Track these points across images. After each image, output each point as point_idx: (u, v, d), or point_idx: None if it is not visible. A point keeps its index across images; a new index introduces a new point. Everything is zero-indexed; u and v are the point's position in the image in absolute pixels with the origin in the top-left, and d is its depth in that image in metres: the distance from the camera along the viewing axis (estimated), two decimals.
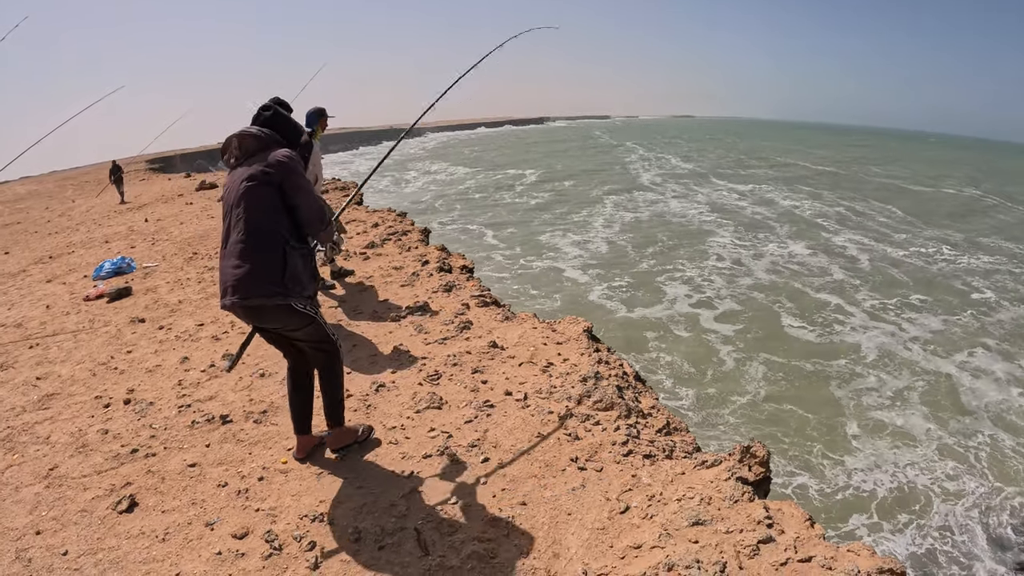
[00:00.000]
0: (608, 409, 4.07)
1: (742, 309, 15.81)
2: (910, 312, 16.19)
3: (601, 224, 26.23)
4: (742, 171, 48.75)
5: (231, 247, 2.98)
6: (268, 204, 2.97)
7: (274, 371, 4.70)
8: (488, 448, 3.64)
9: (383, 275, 6.97)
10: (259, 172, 2.98)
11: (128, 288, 7.36)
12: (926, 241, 24.44)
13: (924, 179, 49.99)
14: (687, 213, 28.74)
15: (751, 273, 19.06)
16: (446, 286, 6.37)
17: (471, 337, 5.24)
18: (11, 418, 4.42)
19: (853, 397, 11.53)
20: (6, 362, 5.60)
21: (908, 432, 10.50)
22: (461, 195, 35.88)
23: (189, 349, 5.30)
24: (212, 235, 10.82)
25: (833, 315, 15.64)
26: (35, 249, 13.19)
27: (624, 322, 14.87)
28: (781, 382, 11.98)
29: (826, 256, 21.37)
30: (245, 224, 2.95)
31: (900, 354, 13.38)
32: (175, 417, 4.12)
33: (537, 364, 4.74)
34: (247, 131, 3.09)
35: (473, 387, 4.36)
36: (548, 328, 5.52)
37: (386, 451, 3.64)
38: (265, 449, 3.72)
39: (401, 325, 5.49)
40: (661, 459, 3.55)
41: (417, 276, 6.78)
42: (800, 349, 13.50)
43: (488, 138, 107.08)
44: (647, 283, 17.79)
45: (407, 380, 4.46)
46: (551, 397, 4.23)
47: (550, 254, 21.39)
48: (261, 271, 2.93)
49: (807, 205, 32.10)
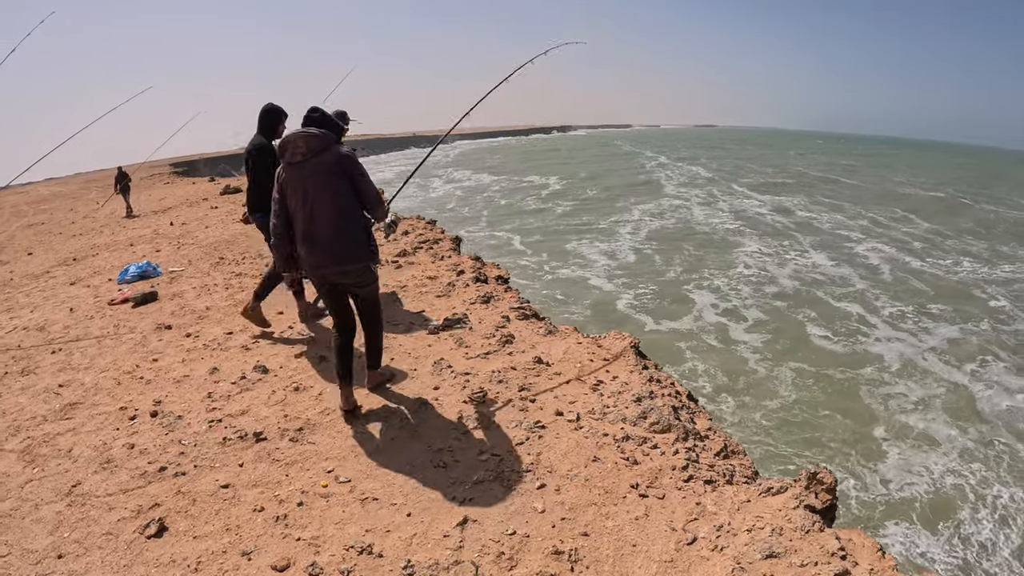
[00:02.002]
0: (665, 431, 3.80)
1: (769, 319, 15.78)
2: (929, 321, 16.18)
3: (627, 232, 26.08)
4: (763, 180, 48.36)
5: (322, 226, 3.62)
6: (347, 190, 3.65)
7: (309, 385, 4.44)
8: (543, 473, 3.36)
9: (417, 285, 6.70)
10: (335, 165, 3.61)
11: (154, 293, 7.14)
12: (946, 252, 24.22)
13: (942, 187, 49.70)
14: (711, 221, 28.58)
15: (776, 282, 18.99)
16: (484, 297, 6.08)
17: (514, 352, 4.95)
18: (32, 427, 4.19)
19: (882, 404, 11.56)
20: (28, 367, 5.40)
21: (933, 438, 10.57)
22: (487, 202, 35.70)
23: (218, 359, 5.04)
24: (238, 240, 10.63)
25: (856, 324, 15.63)
26: (59, 251, 13.12)
27: (653, 332, 14.84)
28: (812, 388, 11.99)
29: (849, 266, 21.22)
30: (333, 207, 3.62)
31: (921, 363, 13.46)
32: (205, 432, 3.86)
33: (586, 382, 4.46)
34: (311, 132, 3.61)
35: (521, 407, 4.07)
36: (593, 343, 5.23)
37: (435, 475, 3.35)
38: (303, 470, 3.44)
39: (440, 338, 5.21)
40: (722, 484, 3.31)
41: (453, 287, 6.50)
42: (827, 358, 13.50)
43: (510, 146, 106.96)
44: (674, 292, 17.75)
45: (451, 398, 4.18)
46: (605, 418, 3.94)
47: (577, 261, 21.25)
48: (354, 242, 3.68)
49: (828, 214, 31.83)
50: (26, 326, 6.83)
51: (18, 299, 8.47)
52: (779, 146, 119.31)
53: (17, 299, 8.47)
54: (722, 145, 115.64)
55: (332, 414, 4.00)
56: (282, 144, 3.67)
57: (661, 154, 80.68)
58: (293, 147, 3.61)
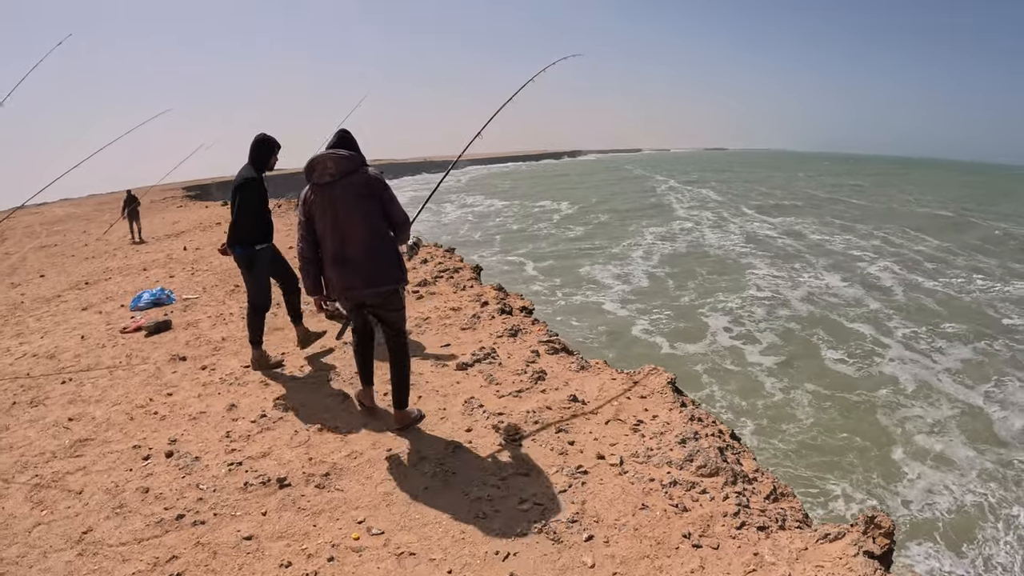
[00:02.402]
0: (713, 475, 3.55)
1: (783, 342, 15.70)
2: (943, 341, 16.05)
3: (639, 256, 26.06)
4: (773, 202, 48.32)
5: (354, 248, 3.58)
6: (377, 211, 3.63)
7: (334, 424, 4.19)
8: (589, 523, 3.10)
9: (441, 317, 6.47)
10: (364, 187, 3.59)
11: (167, 321, 6.93)
12: (957, 270, 24.08)
13: (950, 206, 49.58)
14: (723, 244, 28.58)
15: (789, 304, 18.90)
16: (511, 330, 5.84)
17: (547, 389, 4.70)
18: (40, 464, 3.97)
19: (899, 426, 11.51)
20: (37, 397, 5.19)
21: (951, 460, 10.56)
22: (499, 227, 35.69)
23: (236, 395, 4.80)
24: None
25: (871, 346, 15.53)
26: (71, 274, 13.01)
27: (669, 356, 14.72)
28: (829, 411, 11.93)
29: (861, 286, 21.12)
30: (365, 229, 3.59)
31: (936, 384, 13.38)
32: (225, 477, 3.61)
33: (625, 422, 4.20)
34: (340, 153, 3.56)
35: (560, 450, 3.81)
36: (628, 379, 4.98)
37: (474, 527, 3.09)
38: (332, 520, 3.18)
39: (469, 374, 4.95)
40: (775, 531, 3.08)
41: (478, 319, 6.26)
42: (843, 380, 13.43)
43: (521, 171, 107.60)
44: (688, 315, 17.66)
45: (485, 440, 3.92)
46: (649, 462, 3.69)
47: (590, 286, 21.19)
48: (386, 263, 3.64)
49: (838, 235, 31.72)
50: (36, 353, 6.66)
51: (28, 323, 8.31)
52: (787, 168, 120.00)
53: (28, 323, 8.32)
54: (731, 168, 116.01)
55: (360, 458, 3.75)
56: (310, 165, 3.60)
57: (671, 178, 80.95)
58: (322, 167, 3.56)
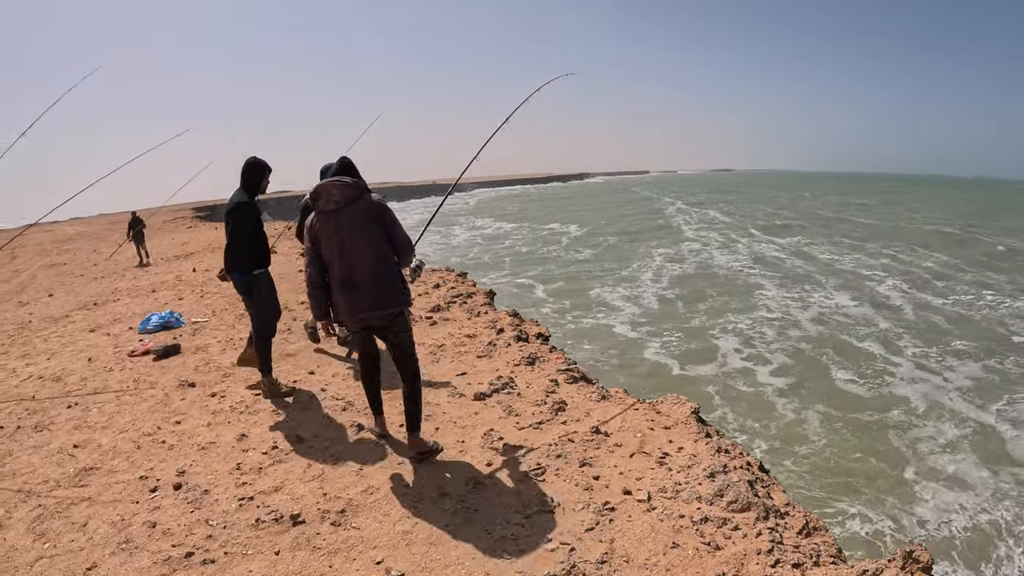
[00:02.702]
0: (745, 510, 3.39)
1: (794, 362, 15.59)
2: (954, 359, 15.91)
3: (649, 278, 25.94)
4: (780, 222, 48.09)
5: (361, 273, 3.67)
6: (381, 236, 3.73)
7: (348, 457, 4.02)
8: (620, 564, 2.93)
9: (455, 344, 6.32)
10: (368, 213, 3.70)
11: (176, 346, 6.80)
12: (967, 286, 23.94)
13: (956, 222, 49.50)
14: (731, 265, 28.46)
15: (799, 325, 18.77)
16: (528, 358, 5.68)
17: (568, 421, 4.53)
18: (44, 493, 3.82)
19: (910, 447, 11.43)
20: (42, 422, 5.05)
21: (964, 480, 10.49)
22: (508, 249, 35.58)
23: (247, 423, 4.64)
24: None
25: (882, 365, 15.40)
26: (80, 293, 12.95)
27: (680, 378, 14.60)
28: (842, 432, 11.85)
29: (870, 306, 20.97)
30: (371, 254, 3.68)
31: (948, 403, 13.26)
32: (235, 512, 3.44)
33: (651, 455, 4.03)
34: (344, 181, 3.70)
35: (586, 485, 3.64)
36: (651, 409, 4.82)
37: (499, 569, 2.91)
38: (348, 561, 3.01)
39: (487, 405, 4.79)
40: (810, 567, 2.94)
41: (494, 346, 6.10)
42: (854, 401, 13.33)
43: (529, 194, 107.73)
44: (699, 337, 17.53)
45: (507, 475, 3.75)
46: (678, 497, 3.52)
47: (600, 309, 21.10)
48: (391, 287, 3.74)
49: (847, 255, 31.52)
50: (42, 375, 6.54)
51: (36, 344, 8.21)
52: (792, 188, 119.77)
53: (35, 344, 8.22)
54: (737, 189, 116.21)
55: (377, 493, 3.58)
56: (315, 192, 3.73)
57: (678, 199, 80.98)
58: (327, 195, 3.68)
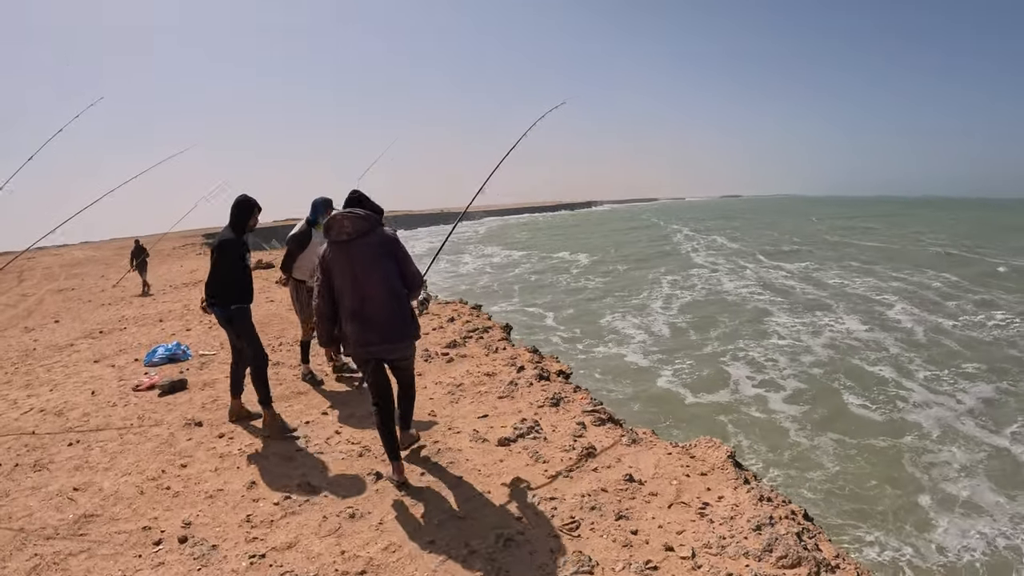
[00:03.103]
0: (795, 566, 3.11)
1: (806, 388, 15.34)
2: (966, 382, 15.62)
3: (659, 306, 25.65)
4: (787, 248, 47.75)
5: (373, 307, 3.74)
6: (392, 269, 3.79)
7: (366, 510, 3.73)
8: None
9: (475, 383, 6.03)
10: (380, 247, 3.77)
11: (183, 381, 6.54)
12: (977, 307, 23.67)
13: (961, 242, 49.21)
14: (741, 292, 28.23)
15: (810, 351, 18.49)
16: (552, 399, 5.38)
17: (599, 468, 4.23)
18: (40, 542, 3.57)
19: (925, 472, 11.22)
20: (41, 460, 4.81)
21: (980, 505, 10.30)
22: (518, 278, 35.15)
23: (257, 470, 4.34)
24: (272, 322, 10.11)
25: (894, 390, 15.12)
26: (86, 320, 12.77)
27: (694, 406, 14.32)
28: (856, 459, 11.66)
29: (881, 330, 20.69)
30: (383, 288, 3.74)
31: (961, 428, 13.03)
32: (246, 572, 3.15)
33: (690, 505, 3.74)
34: (357, 213, 3.77)
35: (624, 540, 3.34)
36: (684, 454, 4.53)
37: None
38: None
39: (512, 451, 4.49)
40: None
41: (515, 386, 5.81)
42: (867, 427, 13.11)
43: (538, 223, 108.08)
44: (711, 365, 17.27)
45: (539, 531, 3.45)
46: (724, 553, 3.22)
47: (612, 337, 20.76)
48: (402, 320, 3.81)
49: (856, 278, 31.22)
50: (43, 408, 6.31)
51: (39, 374, 8.00)
52: (799, 213, 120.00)
53: (38, 374, 8.01)
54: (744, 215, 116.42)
55: (399, 551, 3.28)
56: (328, 224, 3.80)
57: (686, 226, 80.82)
58: (339, 227, 3.74)
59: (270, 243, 35.53)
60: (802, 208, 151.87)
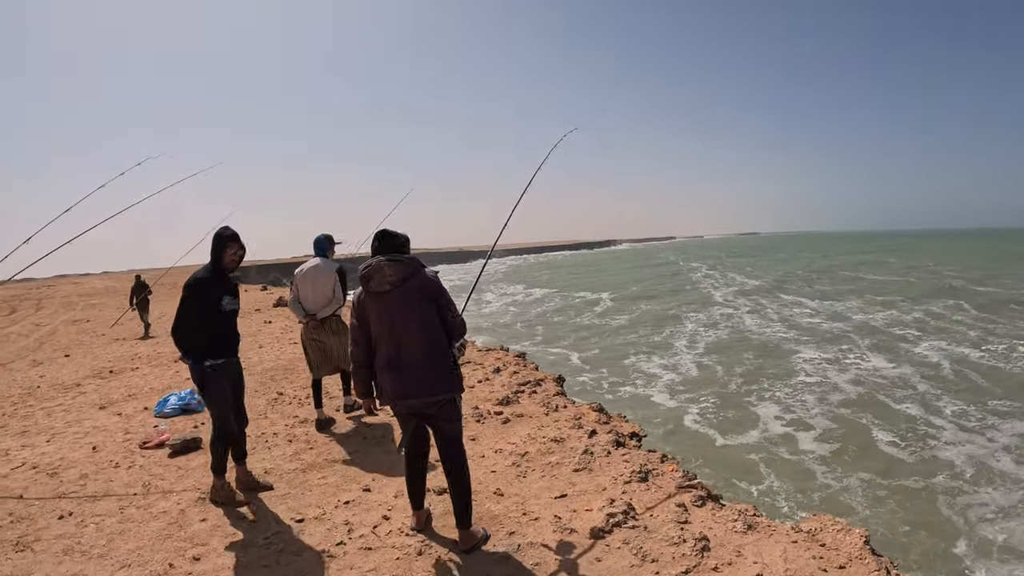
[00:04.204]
0: None
1: (835, 427, 15.03)
2: (994, 418, 15.26)
3: (684, 344, 25.22)
4: (808, 284, 47.31)
5: (410, 356, 3.41)
6: (433, 316, 3.48)
7: None
8: None
9: (542, 451, 5.08)
10: (420, 292, 3.46)
11: (197, 440, 5.64)
12: (999, 339, 23.45)
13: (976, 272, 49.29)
14: (764, 330, 27.81)
15: (838, 388, 18.18)
16: (639, 473, 4.42)
17: (720, 566, 3.30)
18: None
19: (960, 515, 10.80)
20: (25, 537, 3.98)
21: (1018, 549, 9.88)
22: (540, 317, 34.59)
23: (288, 569, 3.44)
24: (297, 369, 9.28)
25: (924, 428, 14.83)
26: (97, 356, 12.09)
27: (724, 447, 13.99)
28: (887, 501, 11.29)
29: (908, 365, 20.32)
30: (422, 337, 3.42)
31: (996, 465, 12.67)
32: None
33: None
34: (398, 260, 3.48)
35: None
36: (812, 541, 3.64)
37: None
38: None
39: (609, 546, 3.53)
40: None
41: (591, 455, 4.86)
42: (898, 467, 12.79)
43: (557, 261, 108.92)
44: (738, 404, 16.93)
45: None
46: None
47: (638, 377, 20.38)
48: (441, 371, 3.44)
49: (879, 312, 30.79)
50: (36, 463, 5.49)
51: (38, 419, 7.24)
52: (817, 248, 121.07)
53: (37, 419, 7.25)
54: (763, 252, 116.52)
55: None
56: (366, 273, 3.51)
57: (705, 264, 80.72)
58: (380, 276, 3.46)
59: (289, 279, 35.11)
60: (819, 244, 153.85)
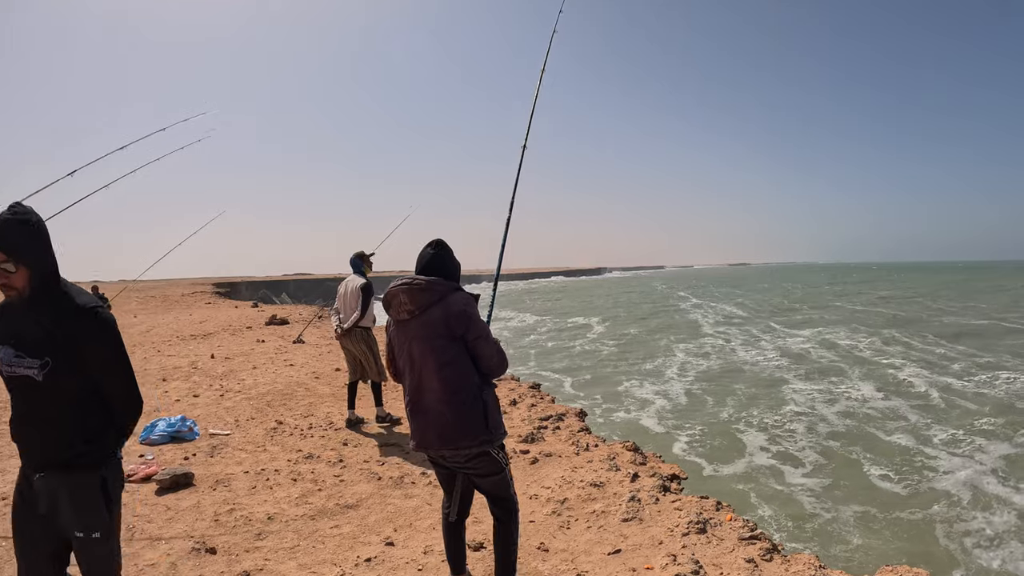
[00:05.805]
0: None
1: (825, 461, 14.86)
2: (983, 440, 15.55)
3: (674, 372, 25.15)
4: (799, 316, 47.33)
5: (427, 399, 2.97)
6: (456, 355, 2.94)
7: None
8: None
9: (583, 498, 4.53)
10: (443, 326, 2.92)
11: (188, 475, 5.05)
12: (982, 368, 23.79)
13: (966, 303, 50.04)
14: (755, 360, 27.81)
15: (827, 420, 18.16)
16: (697, 523, 3.91)
17: None
18: None
19: (957, 544, 10.68)
20: None
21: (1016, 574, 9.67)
22: (533, 343, 34.47)
23: None
24: (295, 393, 8.75)
25: (916, 458, 14.81)
26: None
27: (712, 477, 13.79)
28: (881, 533, 11.04)
29: (897, 396, 20.38)
30: (439, 378, 2.93)
31: (989, 490, 12.66)
32: None
33: None
34: (417, 285, 2.97)
35: None
36: None
37: None
38: None
39: None
40: None
41: (639, 502, 4.33)
42: (890, 498, 12.58)
43: (548, 288, 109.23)
44: (727, 433, 16.83)
45: None
46: None
47: (630, 403, 20.28)
48: (466, 418, 2.91)
49: (866, 342, 31.05)
50: (7, 495, 4.85)
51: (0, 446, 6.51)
52: (806, 279, 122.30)
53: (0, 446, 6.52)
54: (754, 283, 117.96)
55: None
56: (386, 299, 3.11)
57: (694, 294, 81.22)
58: (397, 303, 3.02)
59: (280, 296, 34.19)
60: (809, 275, 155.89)
